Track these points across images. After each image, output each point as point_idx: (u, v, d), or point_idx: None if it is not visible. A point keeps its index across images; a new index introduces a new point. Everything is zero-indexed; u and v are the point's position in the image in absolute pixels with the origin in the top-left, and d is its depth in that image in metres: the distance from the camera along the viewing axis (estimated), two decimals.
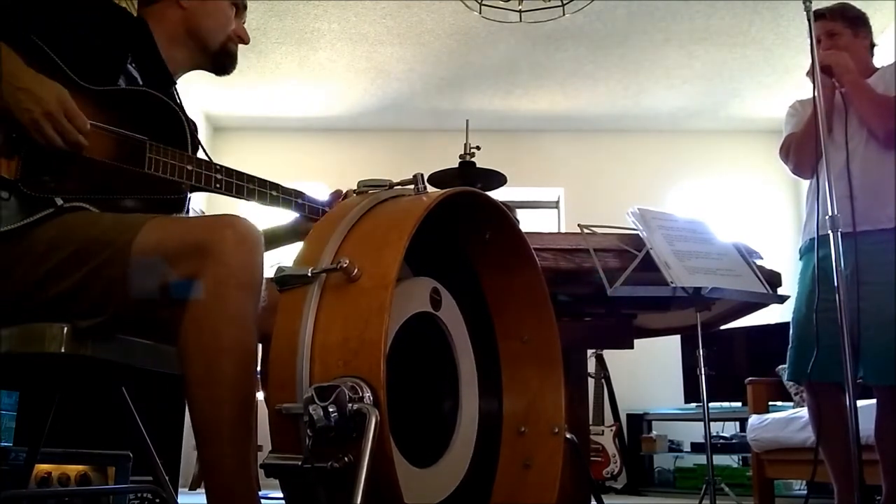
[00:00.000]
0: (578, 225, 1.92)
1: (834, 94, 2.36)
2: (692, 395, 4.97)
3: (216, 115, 5.95)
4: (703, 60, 5.07)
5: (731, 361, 4.83)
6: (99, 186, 1.29)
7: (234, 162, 1.54)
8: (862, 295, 2.19)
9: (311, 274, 0.98)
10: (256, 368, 1.17)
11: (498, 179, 2.33)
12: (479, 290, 1.38)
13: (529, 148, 6.00)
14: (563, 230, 5.81)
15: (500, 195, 1.50)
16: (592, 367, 5.04)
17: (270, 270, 1.04)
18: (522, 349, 1.37)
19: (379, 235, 1.01)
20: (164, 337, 1.34)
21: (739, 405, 4.50)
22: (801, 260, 2.51)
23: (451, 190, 1.10)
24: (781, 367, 3.50)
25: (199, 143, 1.49)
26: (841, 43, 2.42)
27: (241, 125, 6.11)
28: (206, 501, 1.09)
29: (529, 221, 6.01)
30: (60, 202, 1.23)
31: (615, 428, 5.10)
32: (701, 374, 2.31)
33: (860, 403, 1.96)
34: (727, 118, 5.92)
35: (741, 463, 4.94)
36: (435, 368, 1.28)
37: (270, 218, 1.63)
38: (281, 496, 1.01)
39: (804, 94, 2.41)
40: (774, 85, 5.33)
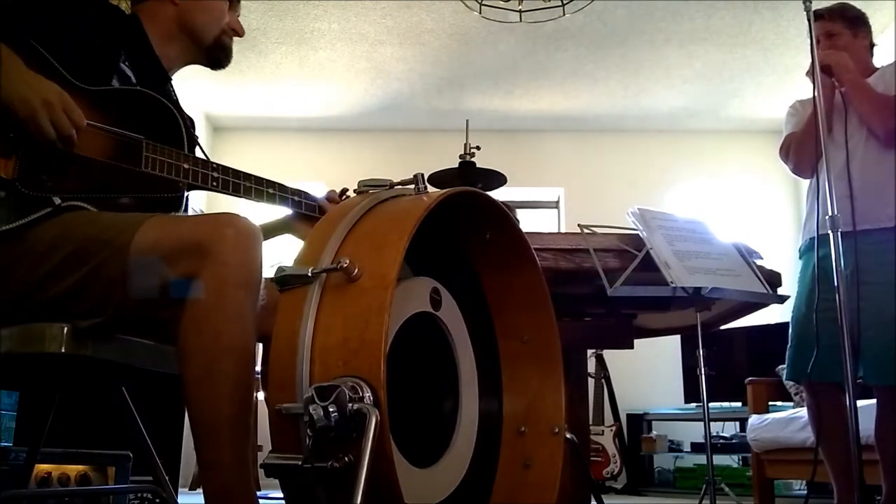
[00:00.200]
0: (578, 225, 1.92)
1: (834, 93, 2.36)
2: (692, 395, 4.97)
3: (216, 114, 5.95)
4: (703, 60, 5.07)
5: (731, 361, 4.82)
6: (97, 185, 1.29)
7: (234, 162, 1.54)
8: (862, 295, 2.19)
9: (311, 274, 0.98)
10: (255, 367, 1.17)
11: (498, 179, 2.33)
12: (479, 290, 1.38)
13: (529, 148, 6.00)
14: (563, 230, 5.81)
15: (500, 195, 1.50)
16: (592, 367, 5.04)
17: (270, 270, 1.04)
18: (522, 349, 1.37)
19: (379, 235, 1.01)
20: (163, 337, 1.34)
21: (739, 405, 4.50)
22: (800, 259, 2.51)
23: (451, 190, 1.10)
24: (781, 367, 3.48)
25: (195, 139, 1.49)
26: (840, 43, 2.42)
27: (241, 125, 6.11)
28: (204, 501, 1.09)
29: (529, 221, 6.02)
30: (58, 201, 1.23)
31: (615, 428, 5.10)
32: (701, 374, 2.32)
33: (860, 403, 1.96)
34: (727, 118, 5.92)
35: (741, 463, 4.94)
36: (435, 368, 1.28)
37: (267, 215, 1.63)
38: (281, 496, 1.01)
39: (804, 93, 2.41)
40: (774, 85, 5.33)
